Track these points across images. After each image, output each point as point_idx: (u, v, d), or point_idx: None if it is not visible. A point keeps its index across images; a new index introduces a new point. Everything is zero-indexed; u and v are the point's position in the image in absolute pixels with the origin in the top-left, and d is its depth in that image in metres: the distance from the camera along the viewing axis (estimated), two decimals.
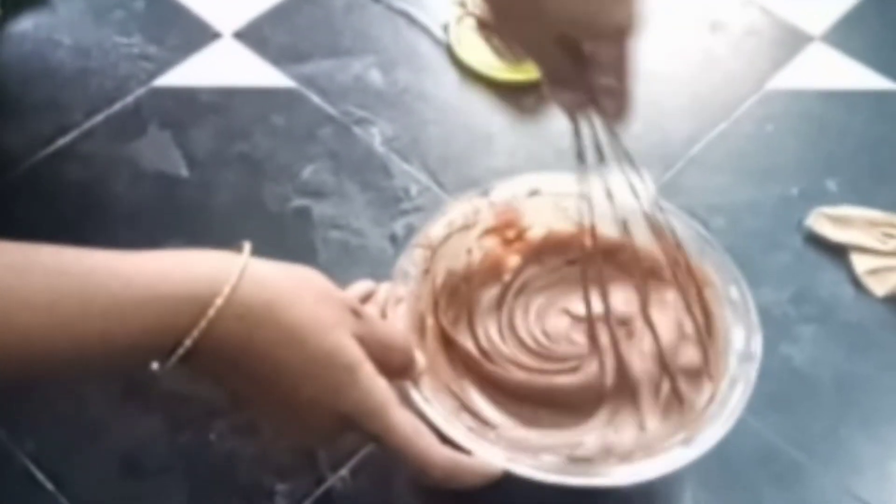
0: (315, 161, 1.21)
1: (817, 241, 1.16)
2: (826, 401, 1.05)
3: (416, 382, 0.87)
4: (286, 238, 1.15)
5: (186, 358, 0.74)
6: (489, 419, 0.93)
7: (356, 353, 0.79)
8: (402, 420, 0.80)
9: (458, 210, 1.00)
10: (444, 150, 1.22)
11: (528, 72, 1.30)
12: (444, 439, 0.84)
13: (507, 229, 1.03)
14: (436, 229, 0.98)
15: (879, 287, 1.12)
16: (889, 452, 1.02)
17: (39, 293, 0.69)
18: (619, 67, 0.89)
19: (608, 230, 0.98)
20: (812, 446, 0.98)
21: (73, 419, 0.99)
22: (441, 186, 1.19)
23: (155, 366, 0.75)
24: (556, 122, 0.96)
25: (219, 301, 0.73)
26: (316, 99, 1.27)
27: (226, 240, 1.11)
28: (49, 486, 0.97)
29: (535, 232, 1.04)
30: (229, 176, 1.20)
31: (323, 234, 1.15)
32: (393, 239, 1.15)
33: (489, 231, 1.02)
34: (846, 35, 1.36)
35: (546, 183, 1.02)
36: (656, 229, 0.96)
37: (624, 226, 0.97)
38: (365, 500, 0.96)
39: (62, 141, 1.22)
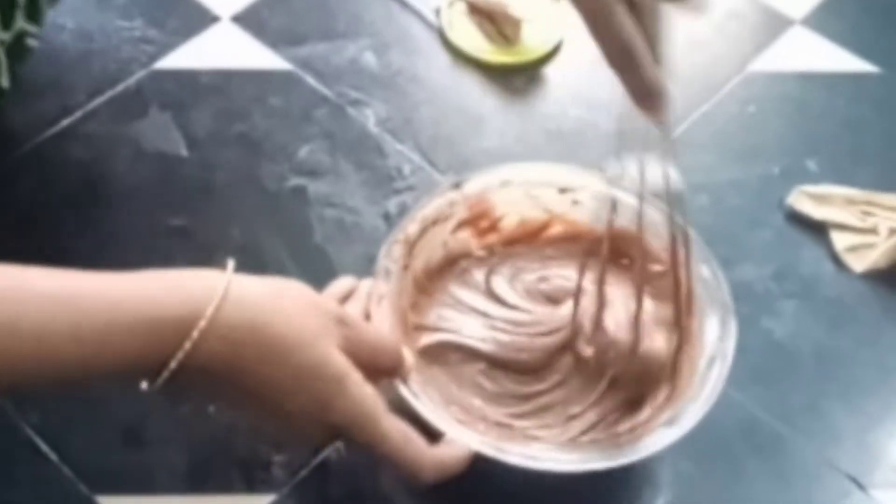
0: (311, 141, 1.21)
1: (798, 219, 1.15)
2: (806, 374, 1.04)
3: (405, 379, 0.87)
4: (283, 216, 1.14)
5: (173, 378, 0.73)
6: (476, 408, 0.93)
7: (342, 364, 0.79)
8: (391, 428, 0.80)
9: (432, 204, 0.99)
10: (436, 130, 1.22)
11: (517, 54, 1.29)
12: (434, 433, 0.84)
13: (480, 220, 1.02)
14: (412, 225, 0.98)
15: (858, 263, 1.11)
16: (868, 424, 1.01)
17: (28, 316, 0.69)
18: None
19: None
20: (793, 418, 0.97)
21: (76, 392, 0.98)
22: (433, 166, 1.19)
23: (144, 385, 0.75)
24: (545, 103, 0.96)
25: (202, 323, 0.73)
26: (312, 81, 1.26)
27: (225, 217, 1.13)
28: (53, 456, 0.96)
29: (508, 221, 1.03)
30: (228, 155, 1.20)
31: (319, 212, 1.14)
32: (386, 217, 1.14)
33: (463, 223, 1.01)
34: (826, 19, 1.35)
35: (516, 173, 1.02)
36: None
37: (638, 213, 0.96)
38: (359, 470, 0.96)
39: (66, 121, 1.21)
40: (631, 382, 0.93)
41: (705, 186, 1.18)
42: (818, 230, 1.14)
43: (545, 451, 0.87)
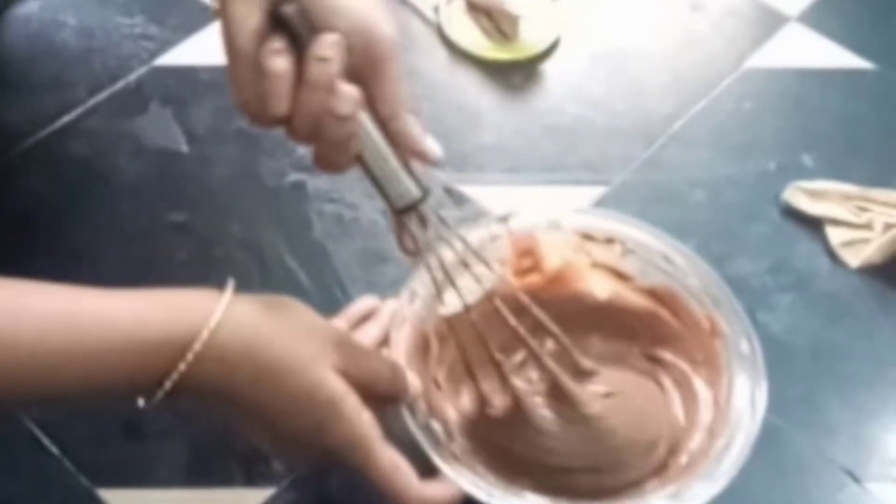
0: None
1: (794, 214, 1.15)
2: (802, 367, 1.04)
3: (411, 406, 0.86)
4: (282, 211, 1.14)
5: (169, 397, 0.73)
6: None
7: (338, 387, 0.78)
8: (382, 457, 0.79)
9: (474, 235, 0.96)
10: (434, 126, 1.19)
11: (515, 51, 1.29)
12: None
13: (522, 259, 0.99)
14: (450, 254, 0.94)
15: (853, 258, 1.11)
16: (862, 417, 1.01)
17: (25, 335, 0.69)
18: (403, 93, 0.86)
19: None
20: (788, 411, 0.97)
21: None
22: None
23: (141, 402, 0.74)
24: (542, 100, 0.95)
25: (197, 345, 0.72)
26: None
27: (224, 212, 1.12)
28: (54, 450, 0.96)
29: (551, 263, 0.99)
30: (228, 151, 1.19)
31: (318, 208, 1.14)
32: (385, 212, 1.13)
33: (504, 259, 0.98)
34: (822, 16, 1.35)
35: (566, 217, 0.99)
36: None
37: None
38: None
39: (67, 118, 1.21)
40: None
41: (702, 182, 1.17)
42: (814, 225, 1.14)
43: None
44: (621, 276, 0.98)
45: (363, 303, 0.96)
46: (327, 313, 0.93)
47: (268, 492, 0.94)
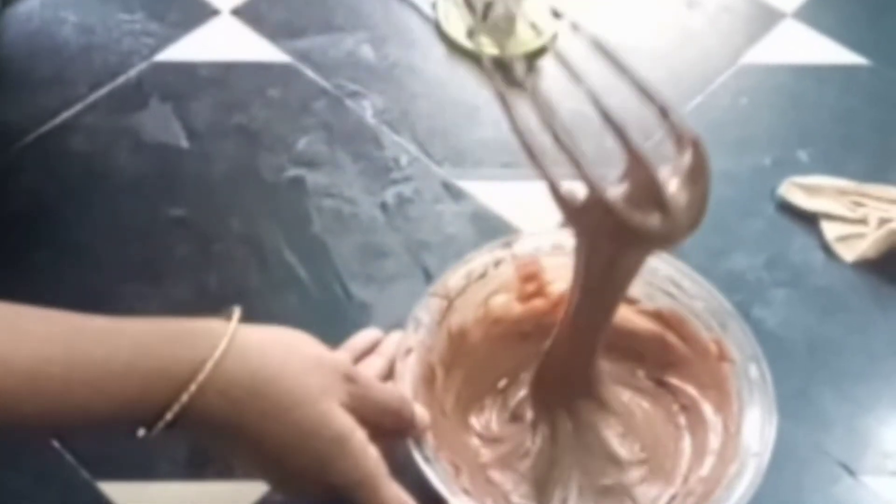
0: (309, 132, 1.20)
1: (789, 209, 1.14)
2: (797, 361, 1.04)
3: (418, 439, 0.84)
4: (281, 206, 1.14)
5: (170, 427, 0.71)
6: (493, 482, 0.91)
7: (344, 424, 0.76)
8: (389, 494, 0.78)
9: (478, 260, 0.95)
10: (432, 122, 1.21)
11: (513, 46, 1.28)
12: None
13: (526, 284, 0.98)
14: (454, 279, 0.94)
15: (848, 253, 1.11)
16: (857, 410, 1.01)
17: (25, 362, 0.67)
18: None
19: None
20: (784, 404, 0.96)
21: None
22: (429, 157, 1.18)
23: (141, 432, 0.72)
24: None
25: (200, 377, 0.70)
26: (310, 73, 1.26)
27: (224, 208, 1.12)
28: (55, 443, 0.96)
29: (556, 287, 0.98)
30: (227, 147, 1.19)
31: (317, 203, 1.14)
32: (383, 207, 1.13)
33: (508, 285, 0.97)
34: (817, 12, 1.35)
35: (570, 240, 0.98)
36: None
37: None
38: None
39: (67, 113, 1.21)
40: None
41: None
42: (809, 220, 1.14)
43: None
44: (627, 299, 0.96)
45: (365, 335, 0.94)
46: (326, 307, 0.93)
47: (266, 486, 0.93)
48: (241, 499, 0.94)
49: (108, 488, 0.94)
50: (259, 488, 0.94)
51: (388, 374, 0.89)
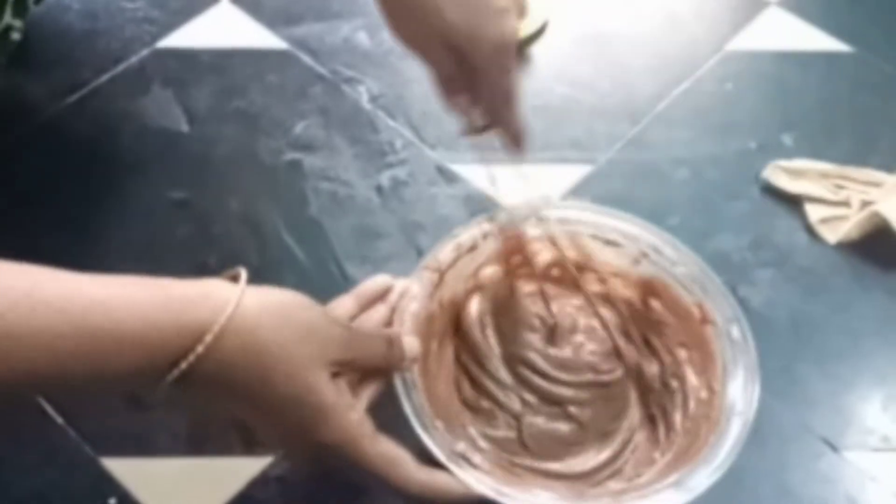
0: (306, 117, 1.19)
1: (774, 192, 1.14)
2: (782, 340, 1.03)
3: (410, 369, 0.85)
4: (280, 188, 1.13)
5: (170, 387, 0.73)
6: (486, 448, 0.90)
7: (328, 393, 0.77)
8: (376, 451, 0.79)
9: (467, 234, 0.95)
10: (426, 106, 1.20)
11: None
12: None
13: (512, 255, 0.98)
14: (444, 252, 0.94)
15: (831, 235, 1.10)
16: (840, 387, 1.01)
17: (39, 332, 0.68)
18: (504, 95, 0.90)
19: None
20: (769, 382, 0.95)
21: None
22: (423, 141, 1.17)
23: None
24: (531, 81, 0.94)
25: (200, 348, 0.72)
26: (307, 59, 1.25)
27: (224, 189, 1.12)
28: (59, 419, 0.95)
29: (541, 258, 0.98)
30: (227, 131, 1.18)
31: (314, 185, 1.13)
32: (379, 189, 1.13)
33: (494, 257, 0.97)
34: (801, 0, 1.34)
35: (553, 210, 0.98)
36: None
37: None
38: None
39: (72, 98, 1.20)
40: None
41: (685, 160, 1.17)
42: (793, 202, 1.13)
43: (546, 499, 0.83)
44: (613, 269, 0.97)
45: (376, 281, 0.93)
46: (323, 287, 0.92)
47: (265, 461, 0.93)
48: (241, 474, 0.93)
49: (111, 463, 0.93)
50: (257, 463, 0.93)
51: (390, 321, 0.90)
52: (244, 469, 0.93)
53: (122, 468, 0.93)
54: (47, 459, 0.94)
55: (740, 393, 0.86)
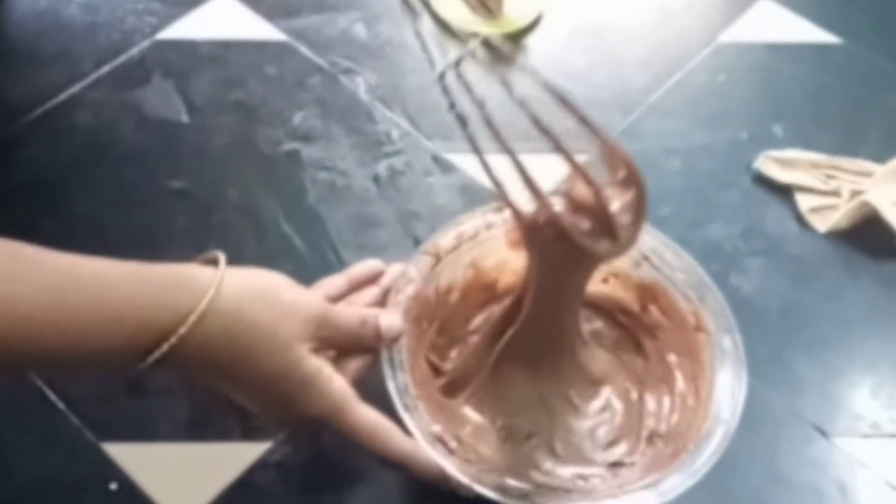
0: (305, 108, 1.19)
1: (765, 182, 1.13)
2: (772, 327, 1.03)
3: (390, 346, 0.85)
4: (278, 178, 1.13)
5: (152, 368, 0.73)
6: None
7: (311, 366, 0.78)
8: (358, 420, 0.80)
9: (470, 223, 0.94)
10: (422, 97, 1.20)
11: (499, 26, 1.27)
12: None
13: (514, 249, 0.94)
14: (446, 239, 0.93)
15: (821, 224, 1.10)
16: (830, 375, 1.00)
17: (18, 306, 0.68)
18: None
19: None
20: (760, 369, 0.95)
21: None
22: (420, 131, 1.17)
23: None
24: (526, 72, 0.93)
25: (182, 330, 0.72)
26: (305, 51, 1.24)
27: (223, 179, 1.11)
28: (61, 405, 0.95)
29: None
30: (226, 121, 1.18)
31: (312, 175, 1.13)
32: (376, 179, 1.12)
33: (497, 249, 0.95)
34: None
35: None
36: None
37: None
38: None
39: (73, 89, 1.20)
40: None
41: (677, 151, 1.16)
42: (783, 192, 1.13)
43: (519, 491, 0.82)
44: (613, 271, 0.97)
45: (366, 265, 0.93)
46: (321, 275, 0.92)
47: (264, 446, 0.93)
48: (241, 459, 0.93)
49: (112, 448, 0.93)
50: (257, 448, 0.93)
51: (382, 303, 0.89)
52: (244, 454, 0.93)
53: (123, 453, 0.93)
54: (49, 445, 0.93)
55: (727, 402, 0.85)
